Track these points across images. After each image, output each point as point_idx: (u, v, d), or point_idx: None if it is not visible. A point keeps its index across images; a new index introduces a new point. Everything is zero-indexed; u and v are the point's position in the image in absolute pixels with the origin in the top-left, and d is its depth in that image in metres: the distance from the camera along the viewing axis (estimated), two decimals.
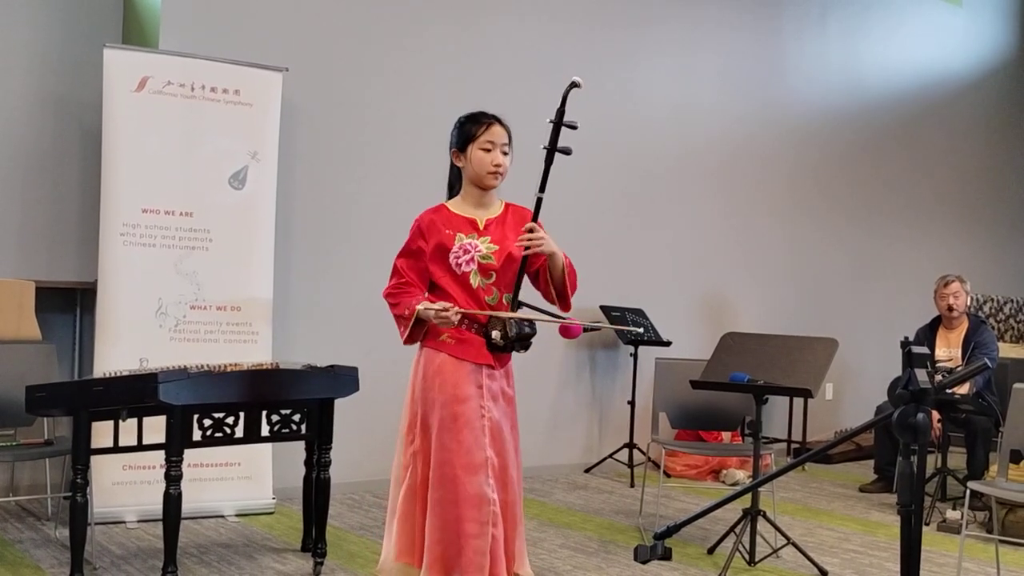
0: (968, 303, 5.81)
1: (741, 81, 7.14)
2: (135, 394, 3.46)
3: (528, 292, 3.12)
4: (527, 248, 2.94)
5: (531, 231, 2.94)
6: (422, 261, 3.02)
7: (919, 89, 8.43)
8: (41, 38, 4.97)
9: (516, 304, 3.01)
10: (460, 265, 2.96)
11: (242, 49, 4.86)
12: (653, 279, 6.58)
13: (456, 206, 3.06)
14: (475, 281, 2.97)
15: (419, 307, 2.93)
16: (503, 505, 2.92)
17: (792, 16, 7.47)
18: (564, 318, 3.05)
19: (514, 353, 3.06)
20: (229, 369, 3.64)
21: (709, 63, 6.96)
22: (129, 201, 4.48)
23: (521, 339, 2.96)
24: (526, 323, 2.96)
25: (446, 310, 2.88)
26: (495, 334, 2.94)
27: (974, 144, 8.95)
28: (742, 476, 5.93)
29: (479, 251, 2.97)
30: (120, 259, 4.46)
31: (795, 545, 4.13)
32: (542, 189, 2.99)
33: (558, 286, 3.09)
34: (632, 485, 5.83)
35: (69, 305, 4.94)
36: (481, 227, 3.01)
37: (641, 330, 5.22)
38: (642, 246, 6.53)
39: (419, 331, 3.00)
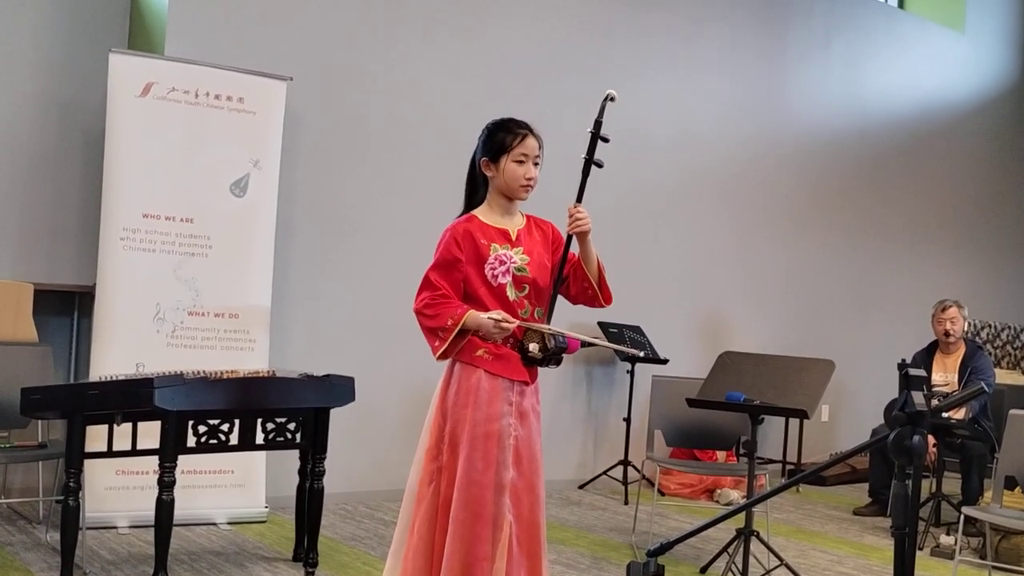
0: (965, 328, 5.81)
1: (744, 103, 7.17)
2: (130, 399, 3.46)
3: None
4: (576, 230, 2.86)
5: (579, 216, 2.86)
6: (457, 272, 2.87)
7: (920, 114, 8.46)
8: (47, 42, 4.98)
9: (550, 318, 2.92)
10: (496, 276, 2.86)
11: (247, 57, 4.88)
12: (652, 297, 6.58)
13: (486, 216, 2.94)
14: (512, 294, 2.88)
15: (467, 316, 2.77)
16: (529, 525, 2.85)
17: (796, 39, 7.51)
18: (563, 334, 3.00)
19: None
20: (225, 376, 3.64)
21: (712, 84, 6.99)
22: (130, 206, 4.48)
23: (556, 353, 2.86)
24: (562, 337, 2.86)
25: (506, 320, 2.77)
26: (533, 347, 2.83)
27: (974, 170, 8.98)
28: (736, 496, 5.92)
29: (514, 262, 2.88)
30: (119, 263, 4.46)
31: (788, 566, 4.11)
32: (579, 199, 2.96)
33: (594, 275, 2.98)
34: (626, 502, 5.81)
35: (67, 308, 4.94)
36: (513, 238, 2.92)
37: (641, 353, 5.21)
38: (641, 263, 6.54)
39: (457, 345, 2.84)
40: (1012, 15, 9.36)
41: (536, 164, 2.90)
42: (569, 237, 2.93)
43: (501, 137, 2.88)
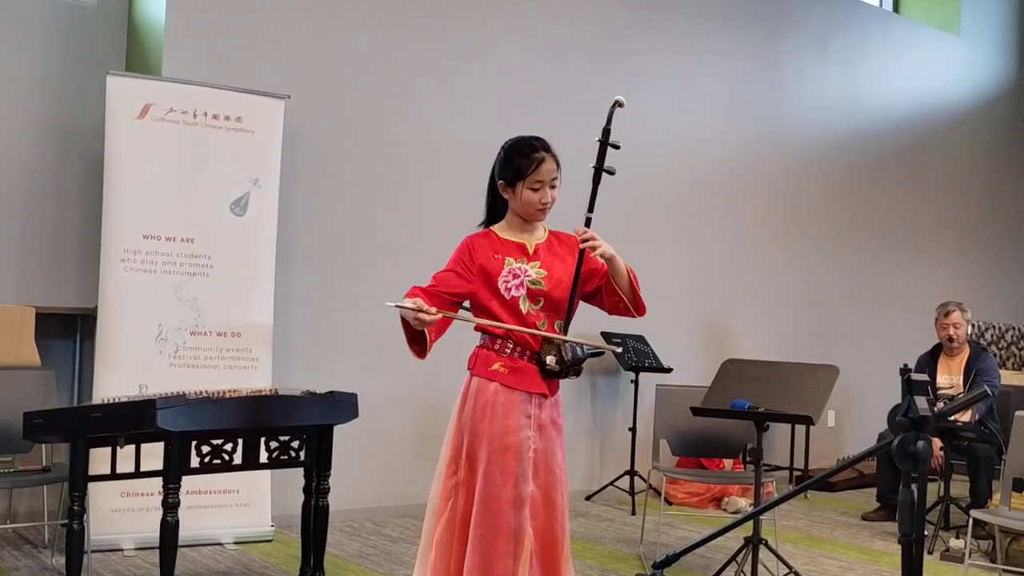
0: (969, 331, 5.79)
1: (742, 109, 7.18)
2: (133, 420, 3.45)
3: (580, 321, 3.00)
4: (589, 249, 2.83)
5: (586, 237, 2.84)
6: (459, 280, 2.86)
7: (918, 117, 8.47)
8: (44, 65, 5.00)
9: (566, 330, 2.90)
10: (509, 290, 2.85)
11: (244, 76, 4.89)
12: (654, 305, 6.49)
13: (503, 231, 2.95)
14: (524, 306, 2.86)
15: (392, 303, 2.70)
16: (546, 536, 2.83)
17: (793, 45, 7.52)
18: (578, 343, 2.96)
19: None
20: (228, 395, 3.62)
21: (711, 91, 7.00)
22: (130, 227, 4.49)
23: (575, 364, 2.85)
24: (579, 347, 2.86)
25: (422, 309, 2.69)
26: (550, 359, 2.82)
27: (974, 172, 8.98)
28: (744, 504, 5.89)
29: (528, 276, 2.87)
30: (121, 285, 4.46)
31: (797, 574, 4.09)
32: (591, 209, 2.94)
33: (626, 290, 3.00)
34: (633, 513, 5.79)
35: (69, 331, 4.94)
36: (531, 252, 2.92)
37: (617, 349, 5.20)
38: (643, 272, 6.46)
39: (418, 342, 2.81)
40: (1006, 18, 9.37)
41: (553, 187, 2.89)
42: (581, 252, 2.91)
43: (517, 163, 2.86)
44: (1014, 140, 9.36)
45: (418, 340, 2.83)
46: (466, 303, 2.94)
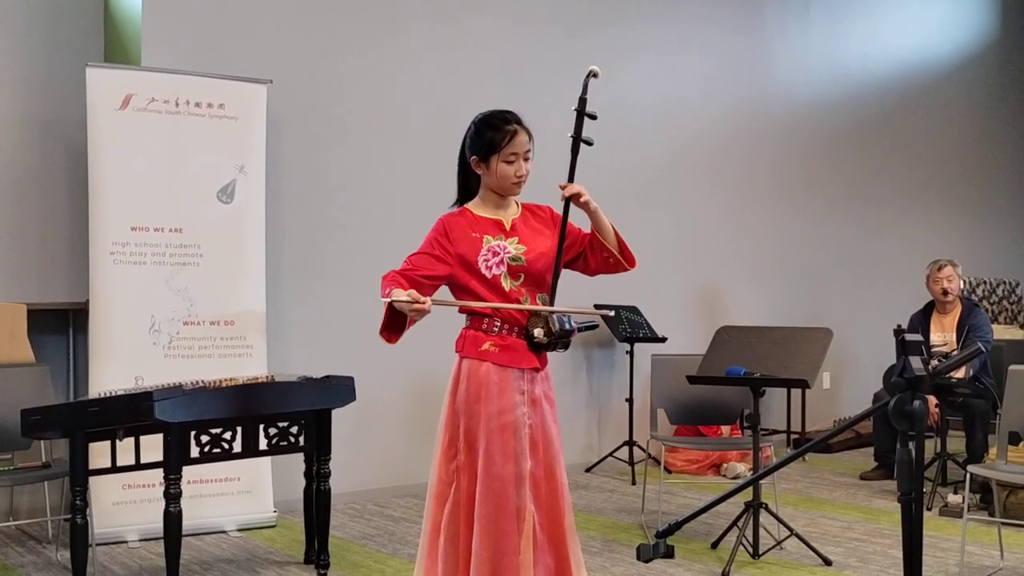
0: (961, 286, 5.81)
1: (726, 76, 7.15)
2: (131, 413, 3.45)
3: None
4: (576, 198, 2.85)
5: (574, 190, 2.85)
6: (437, 263, 2.82)
7: (903, 76, 8.45)
8: (23, 59, 4.95)
9: (553, 299, 2.90)
10: (490, 268, 2.83)
11: (225, 63, 4.85)
12: (646, 276, 6.54)
13: (478, 208, 2.91)
14: (507, 284, 2.84)
15: (393, 292, 2.65)
16: (550, 510, 2.84)
17: (775, 9, 7.48)
18: (567, 313, 2.94)
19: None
20: (224, 384, 3.63)
21: (694, 58, 6.97)
22: (118, 219, 4.47)
23: (563, 336, 2.85)
24: (567, 319, 2.86)
25: (418, 300, 2.64)
26: (537, 332, 2.81)
27: (959, 128, 8.98)
28: (743, 469, 5.93)
29: (508, 252, 2.85)
30: (111, 278, 4.44)
31: (798, 536, 4.13)
32: (571, 179, 2.93)
33: (613, 243, 3.00)
34: (633, 483, 5.83)
35: (62, 326, 4.92)
36: (507, 228, 2.90)
37: (612, 314, 5.23)
38: (633, 243, 6.48)
39: (394, 328, 2.78)
40: None
41: (527, 159, 2.86)
42: (565, 213, 2.90)
43: (490, 137, 2.82)
44: (997, 93, 9.35)
45: (394, 328, 2.78)
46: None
